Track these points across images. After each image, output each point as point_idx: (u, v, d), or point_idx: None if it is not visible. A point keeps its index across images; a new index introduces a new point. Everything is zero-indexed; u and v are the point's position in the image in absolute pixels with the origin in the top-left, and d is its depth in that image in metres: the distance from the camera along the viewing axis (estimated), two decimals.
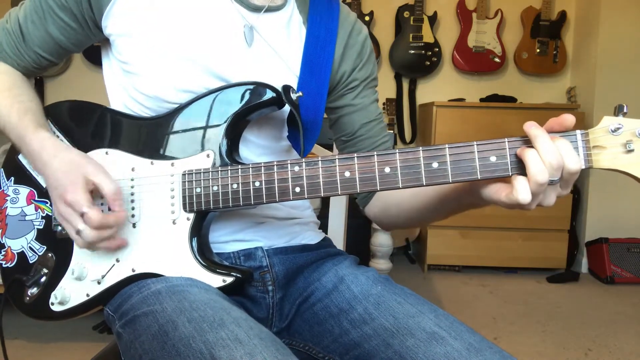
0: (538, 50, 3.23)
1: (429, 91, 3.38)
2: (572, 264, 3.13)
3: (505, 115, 2.90)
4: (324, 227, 1.01)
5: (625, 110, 0.58)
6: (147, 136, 0.77)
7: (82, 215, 0.68)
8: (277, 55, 0.82)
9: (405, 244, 3.27)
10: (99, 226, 0.69)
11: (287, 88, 0.75)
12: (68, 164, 0.71)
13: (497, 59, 3.24)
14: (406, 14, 3.23)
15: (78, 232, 0.69)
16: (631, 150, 0.57)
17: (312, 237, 0.90)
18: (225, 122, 0.74)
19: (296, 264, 0.83)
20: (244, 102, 0.74)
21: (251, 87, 0.74)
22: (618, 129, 0.58)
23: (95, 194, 0.73)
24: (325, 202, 1.46)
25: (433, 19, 3.25)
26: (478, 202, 0.68)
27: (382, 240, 2.25)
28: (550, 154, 0.57)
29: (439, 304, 2.49)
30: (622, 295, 2.70)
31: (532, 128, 0.58)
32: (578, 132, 0.59)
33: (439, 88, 3.38)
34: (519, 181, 0.58)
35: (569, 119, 0.58)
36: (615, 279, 2.88)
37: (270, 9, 0.83)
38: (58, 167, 0.71)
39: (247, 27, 0.80)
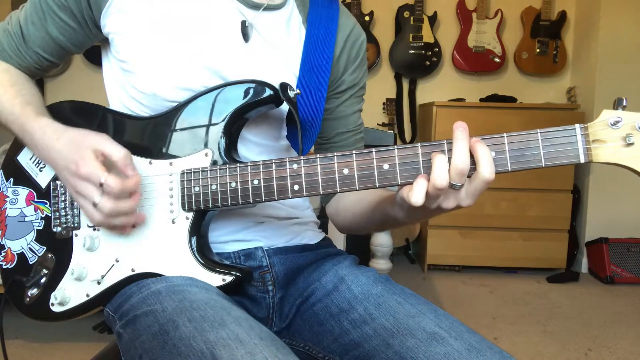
0: (538, 50, 3.23)
1: (429, 91, 3.38)
2: (572, 264, 3.13)
3: (505, 115, 2.90)
4: (324, 227, 1.01)
5: (624, 104, 0.58)
6: (145, 136, 0.77)
7: (100, 185, 0.67)
8: (276, 54, 0.82)
9: (405, 244, 3.27)
10: (119, 192, 0.67)
11: (284, 86, 0.75)
12: (72, 141, 0.70)
13: (497, 59, 3.24)
14: (406, 14, 3.23)
15: (94, 205, 0.68)
16: (631, 144, 0.57)
17: (312, 237, 0.90)
18: (223, 120, 0.74)
19: (296, 264, 0.83)
20: (241, 100, 0.74)
21: (249, 85, 0.74)
22: (617, 122, 0.57)
23: (105, 164, 0.70)
24: None
25: (433, 19, 3.25)
26: (397, 214, 0.71)
27: (382, 240, 2.26)
28: (459, 158, 0.59)
29: (439, 304, 2.49)
30: (622, 295, 2.70)
31: (457, 130, 0.60)
32: (577, 126, 0.59)
33: (439, 88, 3.38)
34: (418, 183, 0.61)
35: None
36: (615, 279, 2.88)
37: (269, 8, 0.83)
38: (62, 148, 0.71)
39: (244, 23, 0.80)
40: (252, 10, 0.81)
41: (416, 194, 0.60)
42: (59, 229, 0.80)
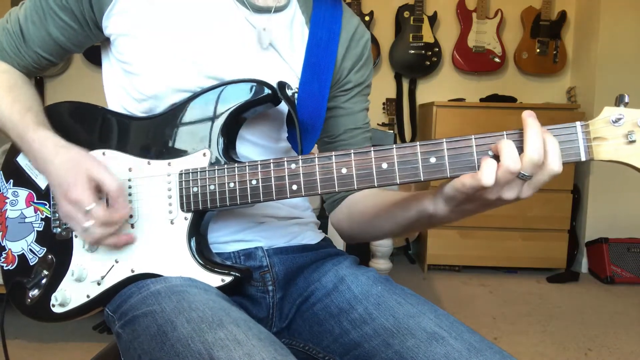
0: (538, 50, 3.23)
1: (429, 91, 3.38)
2: (572, 264, 3.13)
3: (505, 115, 2.90)
4: (324, 227, 1.01)
5: (626, 100, 0.57)
6: (144, 136, 0.77)
7: (86, 213, 0.69)
8: (279, 55, 0.82)
9: (405, 244, 3.27)
10: (103, 223, 0.69)
11: (282, 84, 0.75)
12: (69, 161, 0.71)
13: (497, 59, 3.24)
14: (406, 14, 3.23)
15: (85, 230, 0.70)
16: (633, 141, 0.56)
17: (312, 237, 0.90)
18: (221, 120, 0.74)
19: (296, 264, 0.83)
20: (239, 99, 0.74)
21: (247, 84, 0.74)
22: (619, 119, 0.56)
23: (98, 191, 0.72)
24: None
25: (433, 19, 3.25)
26: (439, 211, 0.66)
27: (382, 241, 2.25)
28: (534, 149, 0.56)
29: (439, 304, 2.49)
30: (622, 295, 2.70)
31: (529, 118, 0.57)
32: (578, 123, 0.58)
33: (439, 88, 3.38)
34: (487, 162, 0.57)
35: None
36: (616, 279, 2.88)
37: (274, 10, 0.83)
38: (59, 165, 0.71)
39: (259, 30, 0.80)
40: (255, 15, 0.81)
41: (487, 174, 0.56)
42: (59, 230, 0.80)
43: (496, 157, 0.58)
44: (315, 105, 0.83)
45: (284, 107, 0.79)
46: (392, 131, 3.13)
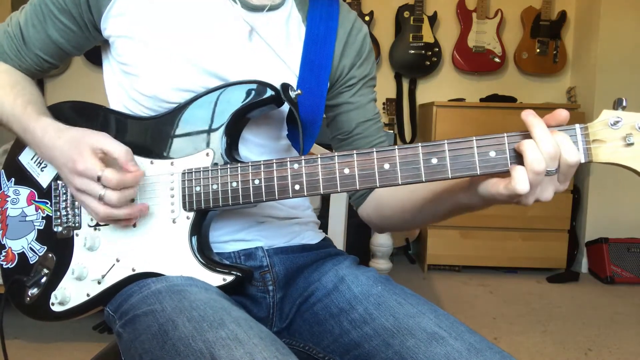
0: (538, 50, 3.24)
1: (429, 91, 3.38)
2: (572, 264, 3.13)
3: (505, 115, 2.90)
4: (324, 227, 1.01)
5: (624, 104, 0.58)
6: (147, 136, 0.77)
7: (98, 179, 0.67)
8: (276, 54, 0.82)
9: (405, 244, 3.27)
10: (118, 185, 0.68)
11: (285, 86, 0.75)
12: (71, 140, 0.71)
13: (497, 59, 3.24)
14: (406, 14, 3.23)
15: (100, 199, 0.68)
16: (631, 144, 0.57)
17: (312, 237, 0.90)
18: (224, 121, 0.74)
19: (296, 264, 0.84)
20: (243, 100, 0.74)
21: (250, 85, 0.74)
22: (617, 122, 0.57)
23: (105, 162, 0.71)
24: (325, 202, 1.46)
25: (433, 19, 3.25)
26: (475, 203, 0.67)
27: (382, 240, 2.25)
28: (546, 143, 0.56)
29: (439, 304, 2.50)
30: (622, 295, 2.70)
31: (529, 116, 0.58)
32: (577, 126, 0.59)
33: (439, 88, 3.38)
34: (517, 170, 0.58)
35: (562, 113, 0.58)
36: (616, 279, 2.88)
37: (269, 8, 0.83)
38: (63, 146, 0.71)
39: (249, 28, 0.80)
40: (251, 13, 0.81)
41: (521, 182, 0.56)
42: (60, 228, 0.80)
43: (519, 159, 0.59)
44: (314, 102, 0.83)
45: (284, 106, 0.79)
46: (392, 131, 3.13)
